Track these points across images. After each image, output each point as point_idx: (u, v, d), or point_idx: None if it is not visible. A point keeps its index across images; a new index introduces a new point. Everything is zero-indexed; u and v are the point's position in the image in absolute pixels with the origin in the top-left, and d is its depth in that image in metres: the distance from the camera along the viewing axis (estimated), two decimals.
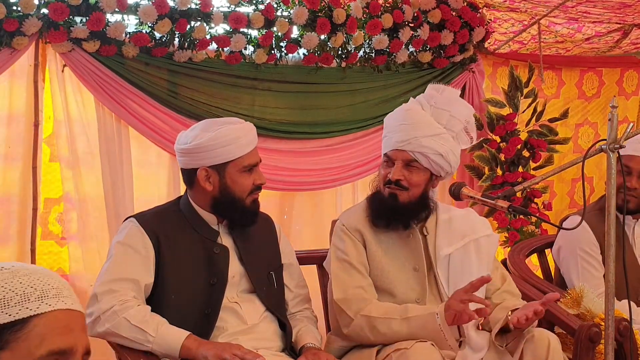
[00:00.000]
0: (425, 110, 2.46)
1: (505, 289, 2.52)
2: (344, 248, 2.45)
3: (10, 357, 1.07)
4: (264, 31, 3.40)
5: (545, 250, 3.28)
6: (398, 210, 2.43)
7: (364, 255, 2.45)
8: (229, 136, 2.26)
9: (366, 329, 2.33)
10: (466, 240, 2.49)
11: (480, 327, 2.46)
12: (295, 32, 3.52)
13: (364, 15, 3.66)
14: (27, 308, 1.08)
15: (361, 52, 3.73)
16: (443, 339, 2.23)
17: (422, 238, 2.50)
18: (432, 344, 2.20)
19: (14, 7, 2.88)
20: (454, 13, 3.91)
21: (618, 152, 2.01)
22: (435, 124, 2.44)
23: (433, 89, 2.52)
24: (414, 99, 2.53)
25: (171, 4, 3.15)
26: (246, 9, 3.37)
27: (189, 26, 3.21)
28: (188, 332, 2.13)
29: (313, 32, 3.50)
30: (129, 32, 3.13)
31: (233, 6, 3.32)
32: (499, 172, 4.13)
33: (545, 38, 4.33)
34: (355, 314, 2.34)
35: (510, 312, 2.36)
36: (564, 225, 2.63)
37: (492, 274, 2.49)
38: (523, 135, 4.20)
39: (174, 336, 2.11)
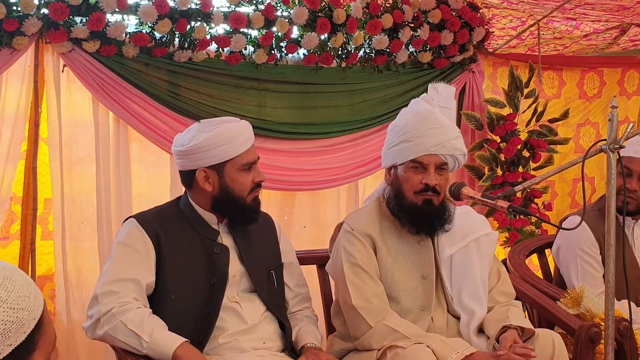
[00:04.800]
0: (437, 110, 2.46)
1: (499, 289, 2.50)
2: (355, 252, 2.41)
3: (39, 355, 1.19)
4: (264, 31, 3.40)
5: (545, 250, 3.28)
6: (436, 215, 2.40)
7: (375, 260, 2.41)
8: (225, 135, 2.26)
9: (380, 336, 2.29)
10: (467, 240, 2.48)
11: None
12: (295, 32, 3.52)
13: (364, 16, 3.66)
14: (33, 319, 1.16)
15: (361, 52, 3.73)
16: None
17: (431, 242, 2.48)
18: (428, 346, 2.18)
19: (14, 7, 2.88)
20: (454, 13, 3.91)
21: (618, 153, 2.01)
22: (453, 125, 2.47)
23: (432, 88, 2.52)
24: (423, 100, 2.48)
25: (171, 4, 3.15)
26: (246, 9, 3.37)
27: (189, 26, 3.21)
28: (182, 340, 2.11)
29: (313, 32, 3.50)
30: (129, 32, 3.13)
31: (233, 6, 3.33)
32: (499, 172, 4.13)
33: (543, 34, 4.34)
34: (376, 323, 2.30)
35: (500, 330, 2.31)
36: (564, 225, 2.63)
37: (489, 271, 2.50)
38: (523, 136, 4.20)
39: (167, 343, 2.09)
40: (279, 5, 3.44)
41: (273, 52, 3.48)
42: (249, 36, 3.39)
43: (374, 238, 2.43)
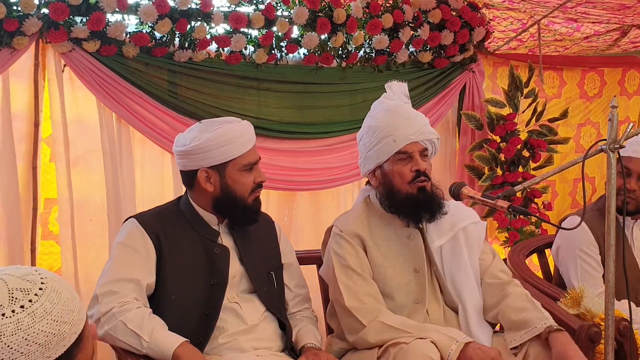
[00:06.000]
0: None
1: (497, 267, 2.52)
2: (345, 254, 2.42)
3: None
4: (264, 31, 3.40)
5: (546, 250, 3.28)
6: (433, 201, 2.43)
7: (366, 260, 2.43)
8: (227, 135, 2.26)
9: (375, 333, 2.30)
10: (455, 229, 2.50)
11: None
12: (295, 32, 3.52)
13: (364, 15, 3.66)
14: (74, 333, 1.17)
15: (361, 52, 3.73)
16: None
17: (421, 235, 2.49)
18: (432, 341, 2.18)
19: (14, 7, 2.88)
20: (454, 13, 3.91)
21: (618, 153, 2.01)
22: (420, 113, 2.55)
23: (388, 87, 2.57)
24: (384, 99, 2.52)
25: (171, 3, 3.15)
26: (246, 9, 3.37)
27: (189, 26, 3.21)
28: (182, 340, 2.11)
29: (313, 32, 3.50)
30: (129, 32, 3.13)
31: (233, 6, 3.33)
32: (499, 172, 4.13)
33: (544, 36, 4.34)
34: (369, 321, 2.32)
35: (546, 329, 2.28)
36: (563, 225, 2.63)
37: (482, 254, 2.52)
38: (523, 135, 4.21)
39: (167, 343, 2.09)
40: (279, 5, 3.44)
41: (273, 51, 3.48)
42: (249, 36, 3.39)
43: (363, 237, 2.45)
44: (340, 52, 3.66)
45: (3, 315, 1.08)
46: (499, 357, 2.18)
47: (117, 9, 3.05)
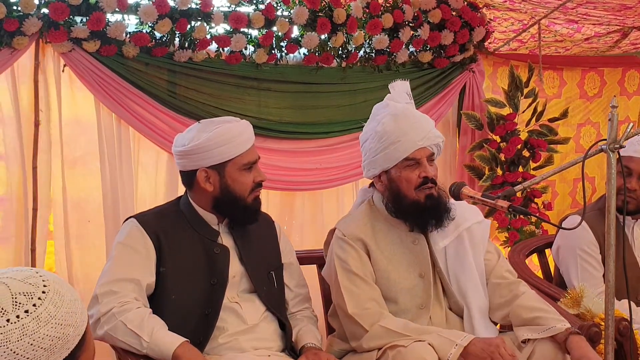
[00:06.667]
0: None
1: (502, 267, 2.52)
2: (348, 258, 2.41)
3: None
4: (264, 31, 3.40)
5: (546, 250, 3.28)
6: (440, 207, 2.41)
7: (369, 264, 2.42)
8: (226, 135, 2.26)
9: (376, 338, 2.29)
10: (459, 230, 2.48)
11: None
12: (295, 32, 3.52)
13: (364, 15, 3.66)
14: (78, 335, 1.17)
15: (361, 52, 3.73)
16: None
17: (425, 239, 2.48)
18: (430, 344, 2.18)
19: (14, 7, 2.89)
20: (454, 13, 3.91)
21: (618, 152, 2.01)
22: (425, 115, 2.52)
23: (391, 87, 2.53)
24: (389, 101, 2.48)
25: (171, 3, 3.15)
26: (246, 9, 3.38)
27: (189, 26, 3.22)
28: (182, 340, 2.11)
29: (313, 32, 3.50)
30: (129, 32, 3.13)
31: (233, 6, 3.33)
32: (499, 172, 4.14)
33: (544, 37, 4.34)
34: (370, 326, 2.31)
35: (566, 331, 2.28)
36: (564, 225, 2.63)
37: (486, 254, 2.51)
38: (523, 135, 4.21)
39: (167, 343, 2.09)
40: (279, 5, 3.44)
41: (273, 51, 3.48)
42: (249, 36, 3.39)
43: (366, 241, 2.43)
44: (340, 52, 3.66)
45: (8, 321, 1.08)
46: (503, 343, 2.17)
47: (117, 9, 3.05)
